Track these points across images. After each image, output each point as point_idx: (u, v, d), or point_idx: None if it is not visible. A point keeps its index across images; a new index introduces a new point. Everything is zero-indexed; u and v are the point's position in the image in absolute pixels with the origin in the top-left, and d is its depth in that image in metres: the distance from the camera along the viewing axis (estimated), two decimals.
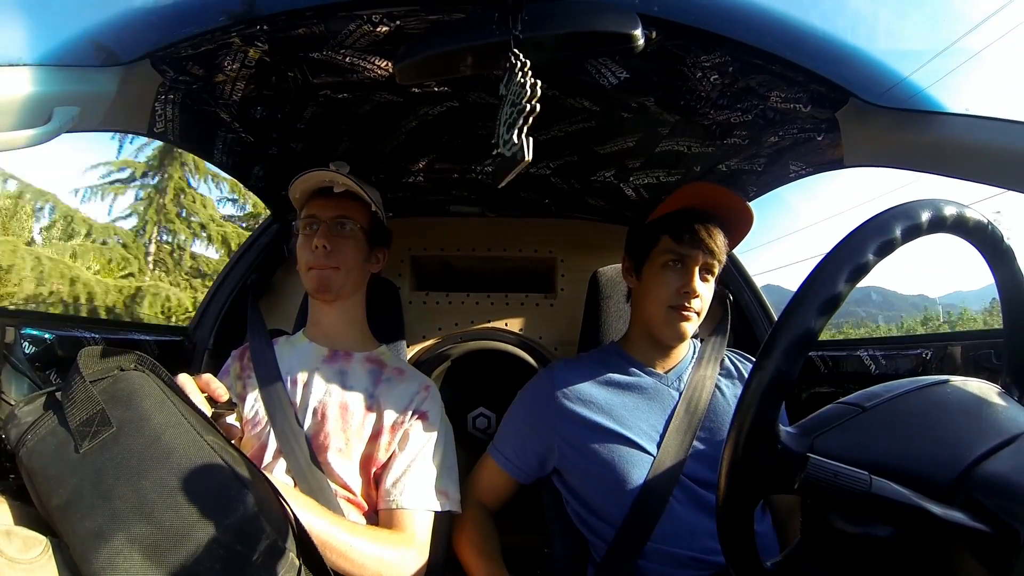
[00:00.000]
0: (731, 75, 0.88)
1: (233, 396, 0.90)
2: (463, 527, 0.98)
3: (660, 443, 0.93)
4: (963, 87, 0.79)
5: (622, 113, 1.04)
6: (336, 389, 0.97)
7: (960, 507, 0.42)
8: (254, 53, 0.86)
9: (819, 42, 0.81)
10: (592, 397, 0.98)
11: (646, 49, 0.75)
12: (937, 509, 0.41)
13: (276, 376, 0.97)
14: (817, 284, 0.44)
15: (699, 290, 0.95)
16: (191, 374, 0.79)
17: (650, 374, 1.01)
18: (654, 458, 0.92)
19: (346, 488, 0.91)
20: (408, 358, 1.40)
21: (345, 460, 0.92)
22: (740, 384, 1.02)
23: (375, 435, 0.94)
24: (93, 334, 1.04)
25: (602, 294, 1.27)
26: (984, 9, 0.72)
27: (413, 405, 0.97)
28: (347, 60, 0.88)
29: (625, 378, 1.01)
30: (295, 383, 0.98)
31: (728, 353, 1.08)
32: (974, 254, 0.52)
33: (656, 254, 0.97)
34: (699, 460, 0.92)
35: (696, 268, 0.95)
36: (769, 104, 0.95)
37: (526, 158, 0.65)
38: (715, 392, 0.99)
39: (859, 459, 0.44)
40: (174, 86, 0.91)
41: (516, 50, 0.69)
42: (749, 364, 1.08)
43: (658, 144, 1.15)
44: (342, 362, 1.01)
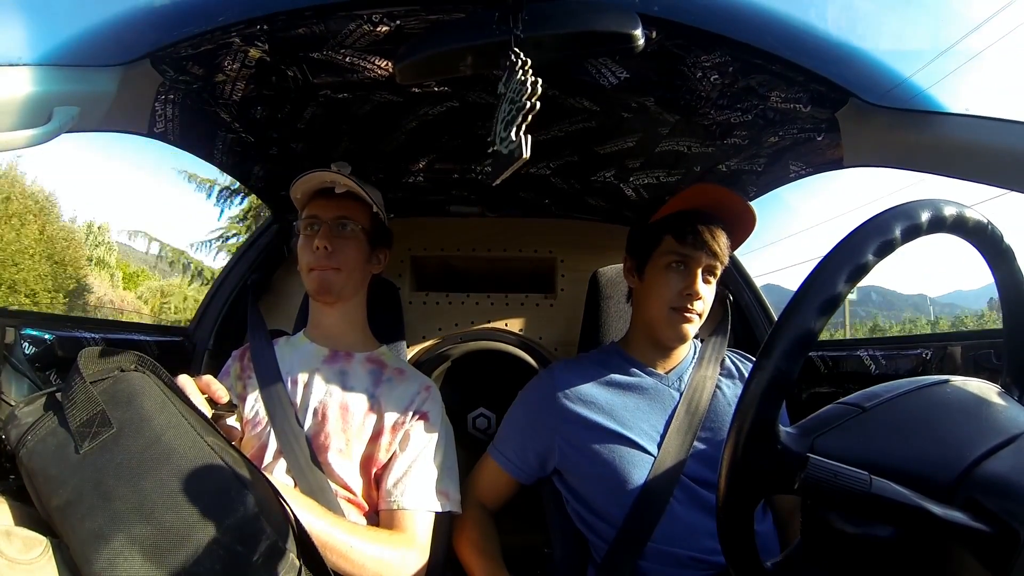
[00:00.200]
0: (731, 75, 0.88)
1: (233, 397, 0.90)
2: (463, 527, 0.98)
3: (661, 443, 0.93)
4: (963, 87, 0.79)
5: (622, 113, 1.04)
6: (336, 389, 0.97)
7: (960, 507, 0.42)
8: (254, 53, 0.86)
9: (819, 42, 0.81)
10: (592, 397, 0.98)
11: (646, 49, 0.75)
12: (937, 509, 0.41)
13: (276, 376, 0.97)
14: (817, 284, 0.44)
15: (701, 292, 0.95)
16: (191, 375, 0.79)
17: (651, 374, 1.01)
18: (655, 458, 0.92)
19: (346, 488, 0.91)
20: (408, 358, 1.39)
21: (345, 460, 0.92)
22: (741, 384, 1.02)
23: (376, 435, 0.94)
24: (93, 335, 1.04)
25: (602, 294, 1.27)
26: (984, 10, 0.72)
27: (414, 405, 0.97)
28: (347, 60, 0.88)
29: (626, 378, 1.01)
30: (295, 383, 0.98)
31: (728, 353, 1.08)
32: (974, 254, 0.52)
33: (659, 255, 0.97)
34: (700, 460, 0.92)
35: (699, 270, 0.95)
36: (769, 104, 0.95)
37: (524, 155, 0.65)
38: (716, 392, 0.99)
39: (859, 459, 0.44)
40: (174, 86, 0.91)
41: (516, 48, 0.69)
42: (749, 364, 1.08)
43: (658, 144, 1.15)
44: (342, 362, 1.01)
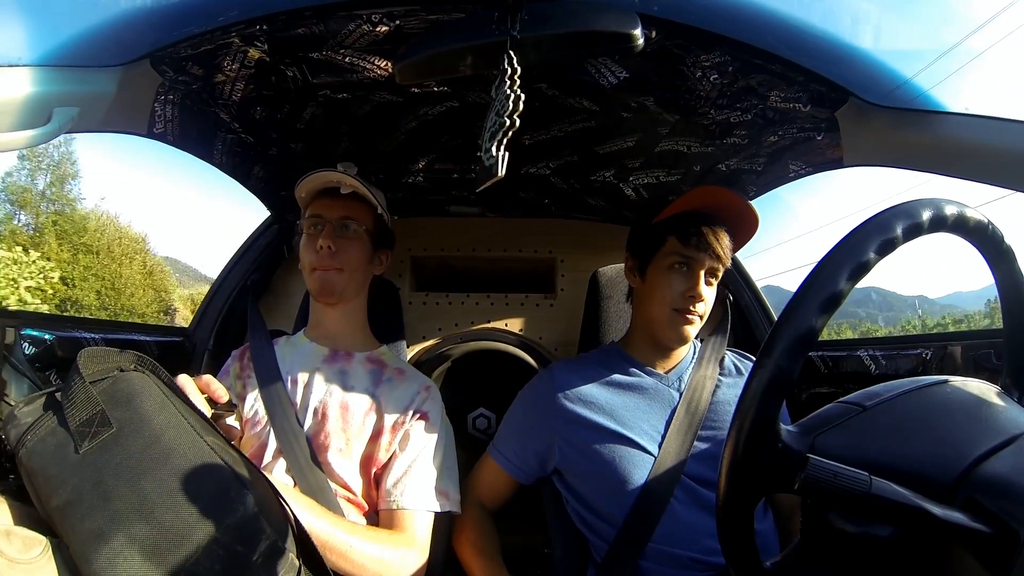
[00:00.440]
0: (731, 75, 0.88)
1: (233, 397, 0.90)
2: (463, 527, 0.98)
3: (661, 443, 0.93)
4: (962, 87, 0.79)
5: (622, 113, 1.04)
6: (337, 389, 0.97)
7: (960, 507, 0.42)
8: (254, 53, 0.86)
9: (819, 42, 0.81)
10: (592, 397, 0.98)
11: (646, 49, 0.75)
12: (937, 509, 0.41)
13: (276, 376, 0.97)
14: (818, 283, 0.44)
15: (704, 293, 0.95)
16: (191, 374, 0.79)
17: (650, 374, 1.01)
18: (655, 458, 0.92)
19: (346, 488, 0.91)
20: (408, 358, 1.39)
21: (345, 460, 0.92)
22: (741, 383, 1.02)
23: (375, 435, 0.94)
24: (93, 334, 1.04)
25: (602, 294, 1.27)
26: (984, 10, 0.72)
27: (414, 405, 0.97)
28: (347, 60, 0.88)
29: (626, 378, 1.01)
30: (295, 383, 0.97)
31: (728, 353, 1.08)
32: (974, 255, 0.52)
33: (662, 255, 0.97)
34: (700, 460, 0.92)
35: (702, 271, 0.95)
36: (769, 104, 0.95)
37: (499, 173, 0.67)
38: (716, 391, 0.99)
39: (859, 459, 0.44)
40: (174, 86, 0.91)
41: (511, 52, 0.69)
42: (749, 363, 1.08)
43: (658, 144, 1.15)
44: (343, 362, 1.01)
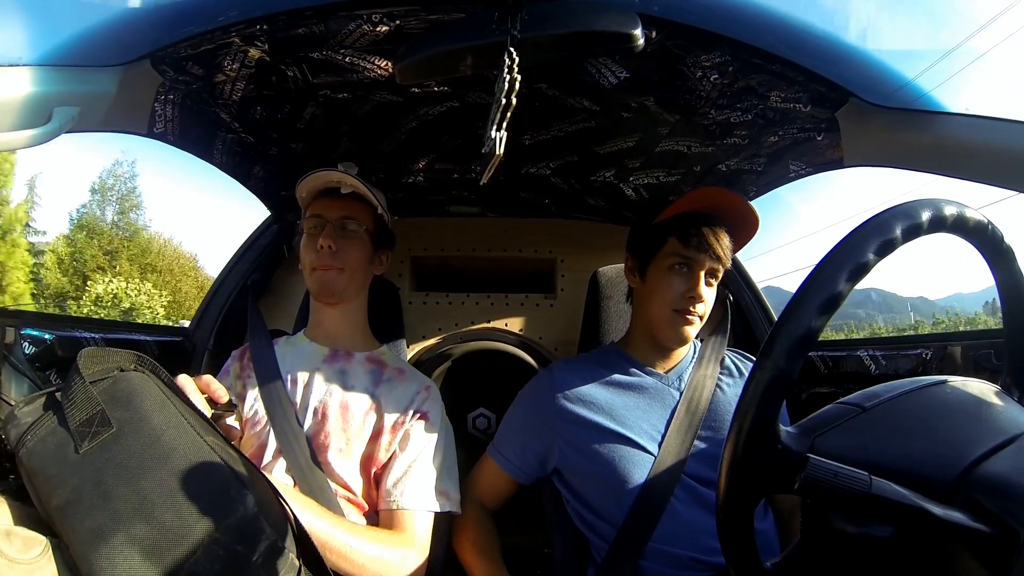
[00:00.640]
0: (731, 75, 0.88)
1: (233, 397, 0.90)
2: (463, 527, 0.98)
3: (661, 443, 0.93)
4: (962, 87, 0.79)
5: (622, 113, 1.04)
6: (337, 389, 0.97)
7: (960, 507, 0.42)
8: (254, 53, 0.86)
9: (819, 42, 0.81)
10: (592, 397, 0.98)
11: (646, 49, 0.75)
12: (937, 509, 0.41)
13: (276, 376, 0.97)
14: (818, 283, 0.44)
15: (704, 294, 0.95)
16: (191, 374, 0.79)
17: (650, 374, 1.01)
18: (655, 458, 0.92)
19: (346, 488, 0.91)
20: (408, 358, 1.39)
21: (345, 460, 0.92)
22: (741, 383, 1.02)
23: (375, 435, 0.94)
24: (93, 334, 1.04)
25: (602, 294, 1.27)
26: (985, 10, 0.72)
27: (414, 405, 0.97)
28: (347, 60, 0.88)
29: (625, 378, 1.01)
30: (295, 383, 0.97)
31: (728, 352, 1.08)
32: (974, 256, 0.52)
33: (662, 256, 0.97)
34: (701, 459, 0.92)
35: (702, 272, 0.95)
36: (769, 104, 0.95)
37: (497, 152, 0.66)
38: (716, 391, 0.99)
39: (859, 459, 0.44)
40: (174, 86, 0.91)
41: (511, 50, 0.69)
42: (749, 363, 1.08)
43: (658, 144, 1.15)
44: (342, 362, 1.01)
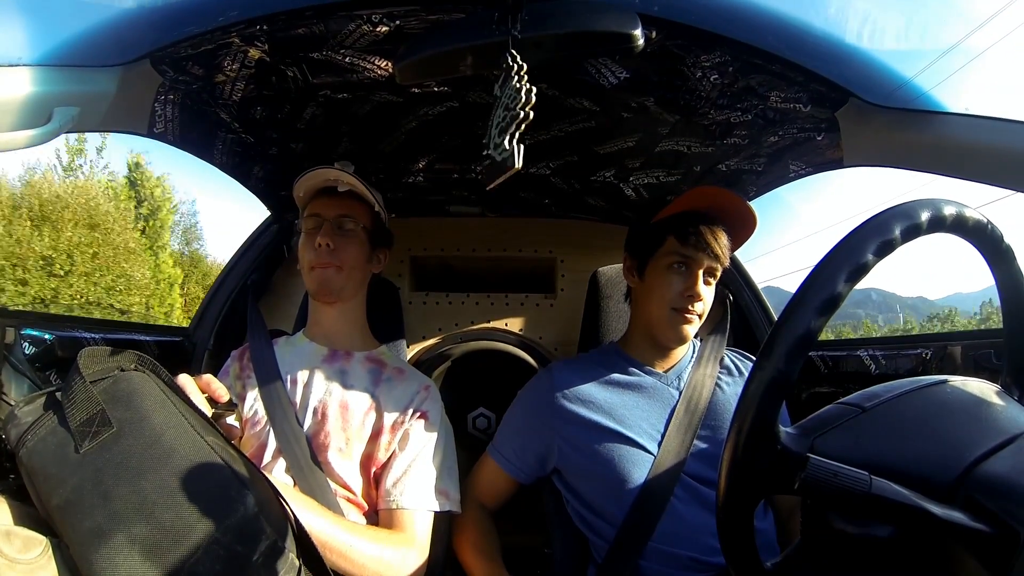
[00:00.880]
0: (731, 75, 0.88)
1: (233, 396, 0.90)
2: (463, 527, 0.98)
3: (661, 442, 0.93)
4: (963, 87, 0.79)
5: (622, 113, 1.04)
6: (336, 389, 0.97)
7: (960, 507, 0.42)
8: (254, 53, 0.86)
9: (819, 42, 0.81)
10: (592, 397, 0.98)
11: (646, 49, 0.75)
12: (937, 509, 0.41)
13: (276, 376, 0.97)
14: (817, 284, 0.44)
15: (702, 293, 0.95)
16: (191, 374, 0.79)
17: (650, 373, 1.01)
18: (655, 457, 0.92)
19: (346, 488, 0.91)
20: (408, 358, 1.39)
21: (345, 460, 0.92)
22: (740, 382, 1.02)
23: (375, 435, 0.94)
24: (93, 334, 1.04)
25: (602, 294, 1.27)
26: (985, 9, 0.72)
27: (413, 405, 0.97)
28: (347, 60, 0.88)
29: (625, 377, 1.01)
30: (295, 383, 0.98)
31: (728, 352, 1.08)
32: (973, 255, 0.52)
33: (661, 255, 0.97)
34: (700, 458, 0.92)
35: (700, 271, 0.95)
36: (769, 104, 0.95)
37: (516, 165, 0.65)
38: (715, 390, 0.99)
39: (859, 459, 0.44)
40: (174, 86, 0.91)
41: (513, 51, 0.69)
42: (749, 363, 1.08)
43: (658, 144, 1.15)
44: (342, 362, 1.01)
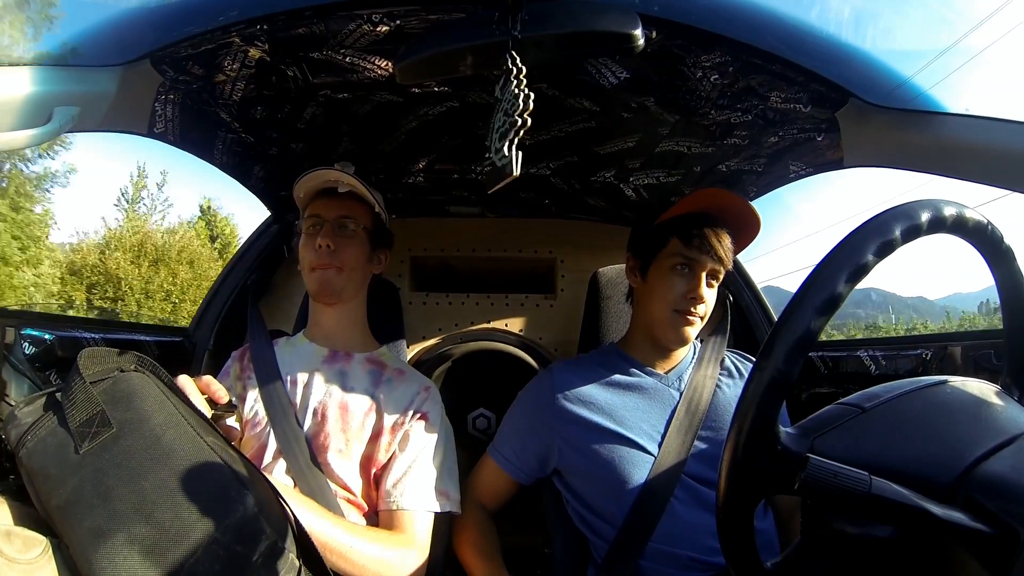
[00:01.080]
0: (731, 75, 0.88)
1: (233, 397, 0.90)
2: (463, 528, 0.98)
3: (661, 443, 0.93)
4: (962, 87, 0.79)
5: (622, 113, 1.04)
6: (336, 390, 0.97)
7: (960, 507, 0.42)
8: (254, 53, 0.86)
9: (819, 42, 0.81)
10: (592, 398, 0.98)
11: (646, 49, 0.75)
12: (937, 509, 0.41)
13: (276, 377, 0.97)
14: (817, 284, 0.44)
15: (705, 295, 0.95)
16: (191, 375, 0.79)
17: (650, 374, 1.01)
18: (655, 458, 0.92)
19: (346, 489, 0.91)
20: (408, 359, 1.39)
21: (345, 461, 0.91)
22: (741, 383, 1.02)
23: (375, 436, 0.94)
24: (93, 334, 1.04)
25: (602, 295, 1.27)
26: (984, 9, 0.72)
27: (413, 406, 0.97)
28: (347, 60, 0.88)
29: (625, 378, 1.01)
30: (295, 384, 0.97)
31: (728, 353, 1.08)
32: (972, 255, 0.52)
33: (664, 256, 0.97)
34: (701, 459, 0.92)
35: (703, 273, 0.95)
36: (769, 104, 0.95)
37: (514, 172, 0.66)
38: (716, 391, 0.99)
39: (859, 460, 0.44)
40: (174, 86, 0.91)
41: (513, 52, 0.69)
42: (749, 364, 1.08)
43: (658, 144, 1.15)
44: (342, 363, 1.01)
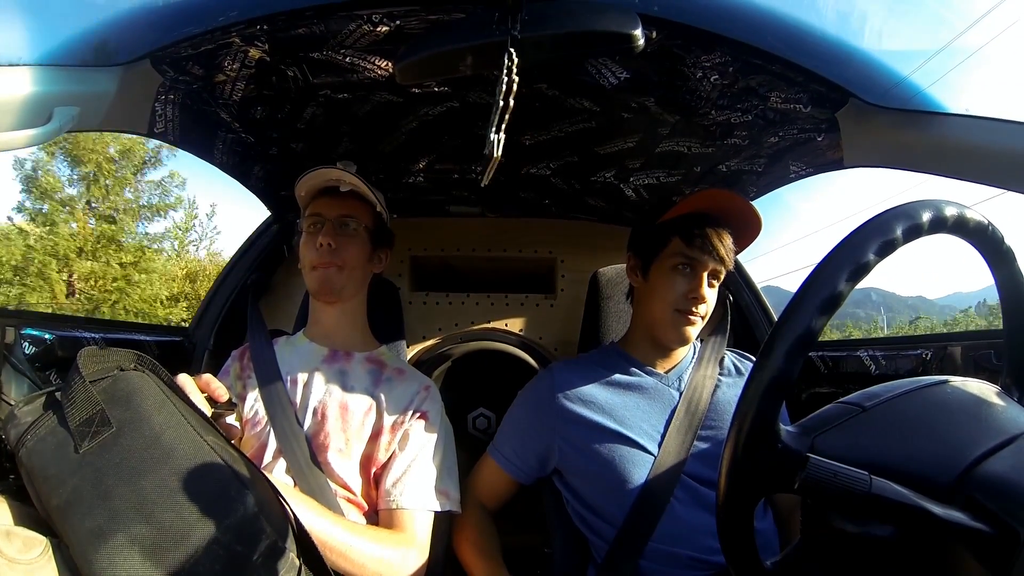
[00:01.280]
0: (731, 75, 0.88)
1: (233, 396, 0.90)
2: (463, 527, 0.98)
3: (661, 443, 0.93)
4: (963, 87, 0.79)
5: (622, 113, 1.04)
6: (336, 389, 0.97)
7: (960, 507, 0.42)
8: (254, 53, 0.86)
9: (819, 42, 0.81)
10: (592, 397, 0.98)
11: (646, 49, 0.75)
12: (937, 509, 0.41)
13: (276, 376, 0.97)
14: (818, 283, 0.44)
15: (706, 295, 0.95)
16: (191, 374, 0.79)
17: (650, 374, 1.01)
18: (655, 458, 0.92)
19: (346, 488, 0.91)
20: (408, 358, 1.39)
21: (345, 460, 0.92)
22: (741, 383, 1.02)
23: (375, 435, 0.94)
24: (93, 334, 1.04)
25: (602, 294, 1.27)
26: (983, 8, 0.72)
27: (413, 405, 0.97)
28: (347, 60, 0.88)
29: (625, 378, 1.01)
30: (295, 383, 0.97)
31: (728, 352, 1.08)
32: (972, 255, 0.52)
33: (666, 256, 0.97)
34: (700, 459, 0.92)
35: (705, 273, 0.95)
36: (769, 104, 0.95)
37: (495, 155, 0.67)
38: (716, 391, 0.99)
39: (859, 459, 0.44)
40: (174, 86, 0.91)
41: (511, 50, 0.69)
42: (749, 363, 1.08)
43: (658, 144, 1.15)
44: (342, 362, 1.01)
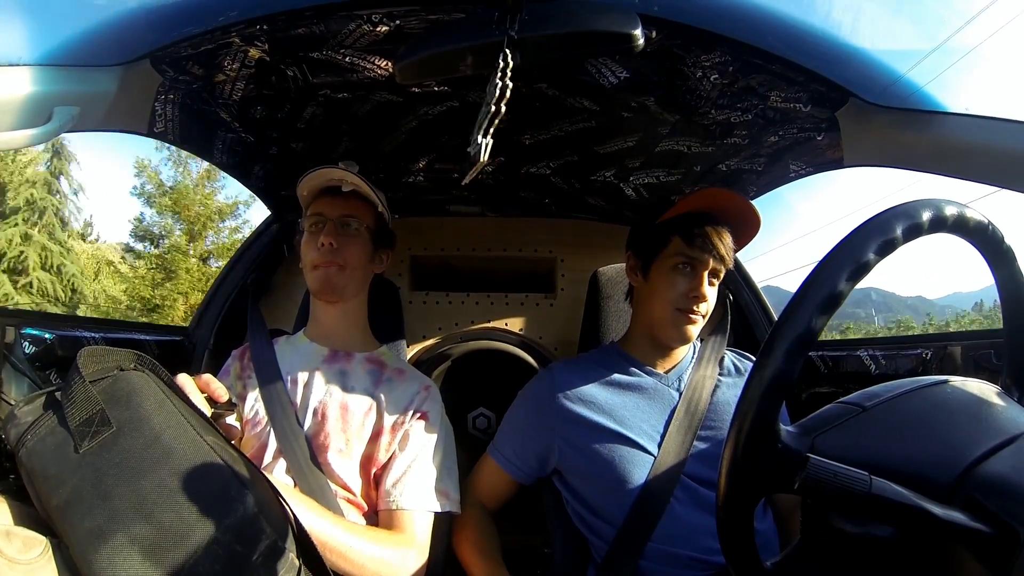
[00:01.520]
0: (731, 75, 0.88)
1: (233, 396, 0.90)
2: (463, 527, 0.98)
3: (661, 443, 0.93)
4: (963, 86, 0.79)
5: (622, 113, 1.04)
6: (336, 389, 0.97)
7: (960, 507, 0.42)
8: (254, 53, 0.86)
9: (819, 42, 0.81)
10: (592, 397, 0.98)
11: (646, 49, 0.75)
12: (937, 509, 0.41)
13: (276, 376, 0.97)
14: (818, 283, 0.44)
15: (707, 294, 0.95)
16: (191, 374, 0.79)
17: (650, 374, 1.01)
18: (655, 458, 0.92)
19: (346, 488, 0.91)
20: (408, 358, 1.39)
21: (345, 460, 0.92)
22: (740, 383, 1.02)
23: (375, 435, 0.94)
24: (93, 334, 1.04)
25: (602, 294, 1.27)
26: (980, 5, 0.72)
27: (413, 405, 0.97)
28: (347, 60, 0.88)
29: (625, 378, 1.01)
30: (295, 383, 0.97)
31: (728, 352, 1.08)
32: (972, 255, 0.52)
33: (666, 255, 0.97)
34: (700, 459, 0.92)
35: (705, 272, 0.95)
36: (769, 104, 0.95)
37: (481, 159, 0.67)
38: (715, 391, 0.99)
39: (859, 459, 0.44)
40: (174, 86, 0.91)
41: (507, 50, 0.69)
42: (749, 363, 1.08)
43: (658, 144, 1.15)
44: (342, 362, 1.01)
